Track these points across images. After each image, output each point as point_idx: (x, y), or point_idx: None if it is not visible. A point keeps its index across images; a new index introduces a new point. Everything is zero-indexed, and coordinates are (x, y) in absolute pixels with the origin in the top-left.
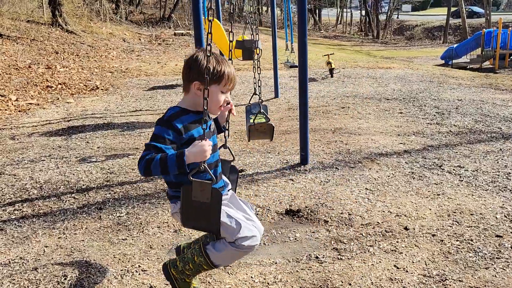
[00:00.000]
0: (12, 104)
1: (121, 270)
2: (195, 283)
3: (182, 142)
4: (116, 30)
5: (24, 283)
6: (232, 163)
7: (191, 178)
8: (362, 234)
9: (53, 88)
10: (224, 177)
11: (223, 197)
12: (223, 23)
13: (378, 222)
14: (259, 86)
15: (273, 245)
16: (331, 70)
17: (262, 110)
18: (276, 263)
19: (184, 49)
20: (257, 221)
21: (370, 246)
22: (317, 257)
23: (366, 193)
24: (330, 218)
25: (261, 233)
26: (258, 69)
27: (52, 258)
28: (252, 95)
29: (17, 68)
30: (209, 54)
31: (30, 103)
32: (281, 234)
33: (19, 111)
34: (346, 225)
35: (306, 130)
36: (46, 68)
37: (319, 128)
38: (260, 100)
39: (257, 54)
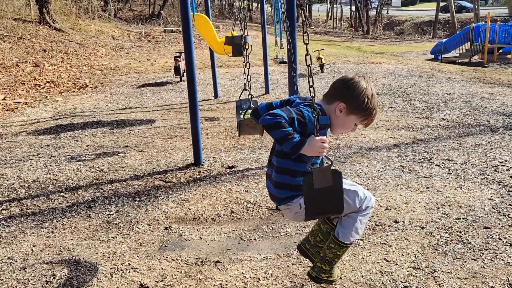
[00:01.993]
0: (0, 103)
1: (111, 268)
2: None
3: (310, 134)
4: (105, 27)
5: (12, 283)
6: None
7: (310, 168)
8: None
9: (41, 87)
10: None
11: None
12: (212, 19)
13: (374, 215)
14: (248, 81)
15: (264, 241)
16: (321, 66)
17: (252, 106)
18: (267, 258)
19: (174, 46)
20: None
21: (360, 239)
22: None
23: None
24: None
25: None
26: (248, 64)
27: (41, 258)
28: (242, 91)
29: (4, 67)
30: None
31: (18, 102)
32: (272, 229)
33: (7, 110)
34: (338, 218)
35: None
36: (34, 67)
37: None
38: (250, 95)
39: (246, 49)
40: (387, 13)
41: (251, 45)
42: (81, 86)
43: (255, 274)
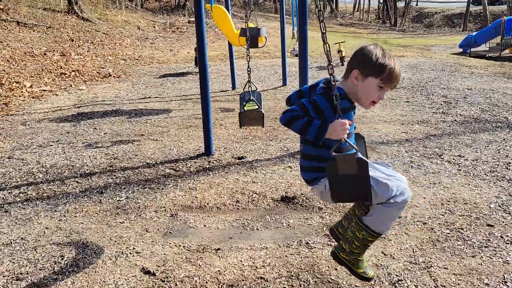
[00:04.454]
0: (26, 91)
1: (116, 252)
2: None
3: (330, 120)
4: (131, 17)
5: (23, 262)
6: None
7: (333, 153)
8: None
9: (66, 75)
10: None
11: None
12: (237, 10)
13: None
14: (248, 73)
15: (266, 231)
16: (341, 58)
17: (252, 98)
18: (266, 247)
19: None
20: (398, 174)
21: None
22: (307, 243)
23: None
24: (325, 205)
25: (406, 183)
26: (248, 57)
27: (52, 239)
28: (246, 83)
29: (32, 55)
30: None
31: (44, 90)
32: (274, 220)
33: (33, 98)
34: (340, 212)
35: None
36: (61, 56)
37: None
38: (250, 88)
39: (261, 42)
40: (417, 4)
41: (265, 37)
42: (104, 75)
43: (253, 263)
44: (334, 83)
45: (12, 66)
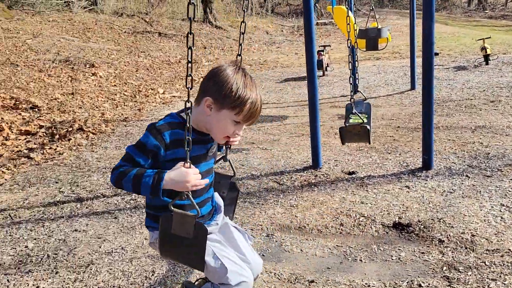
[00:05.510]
0: (159, 97)
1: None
2: None
3: (166, 159)
4: (260, 23)
5: (118, 274)
6: (232, 179)
7: (172, 207)
8: (485, 262)
9: (196, 82)
10: (216, 198)
11: (212, 227)
12: (367, 9)
13: (509, 250)
14: (351, 84)
15: (371, 263)
16: (486, 57)
17: (354, 111)
18: (369, 285)
19: (324, 38)
20: (253, 256)
21: (492, 279)
22: (420, 285)
23: (500, 211)
24: (447, 237)
25: (258, 271)
26: (356, 56)
27: (147, 252)
28: (355, 92)
29: (169, 63)
30: (238, 68)
31: (174, 96)
32: (382, 251)
33: (163, 103)
34: (466, 248)
35: (431, 129)
36: (193, 63)
37: (456, 125)
38: (353, 98)
39: (382, 43)
40: None
41: (387, 38)
42: None
43: None
44: (188, 114)
45: (150, 74)
